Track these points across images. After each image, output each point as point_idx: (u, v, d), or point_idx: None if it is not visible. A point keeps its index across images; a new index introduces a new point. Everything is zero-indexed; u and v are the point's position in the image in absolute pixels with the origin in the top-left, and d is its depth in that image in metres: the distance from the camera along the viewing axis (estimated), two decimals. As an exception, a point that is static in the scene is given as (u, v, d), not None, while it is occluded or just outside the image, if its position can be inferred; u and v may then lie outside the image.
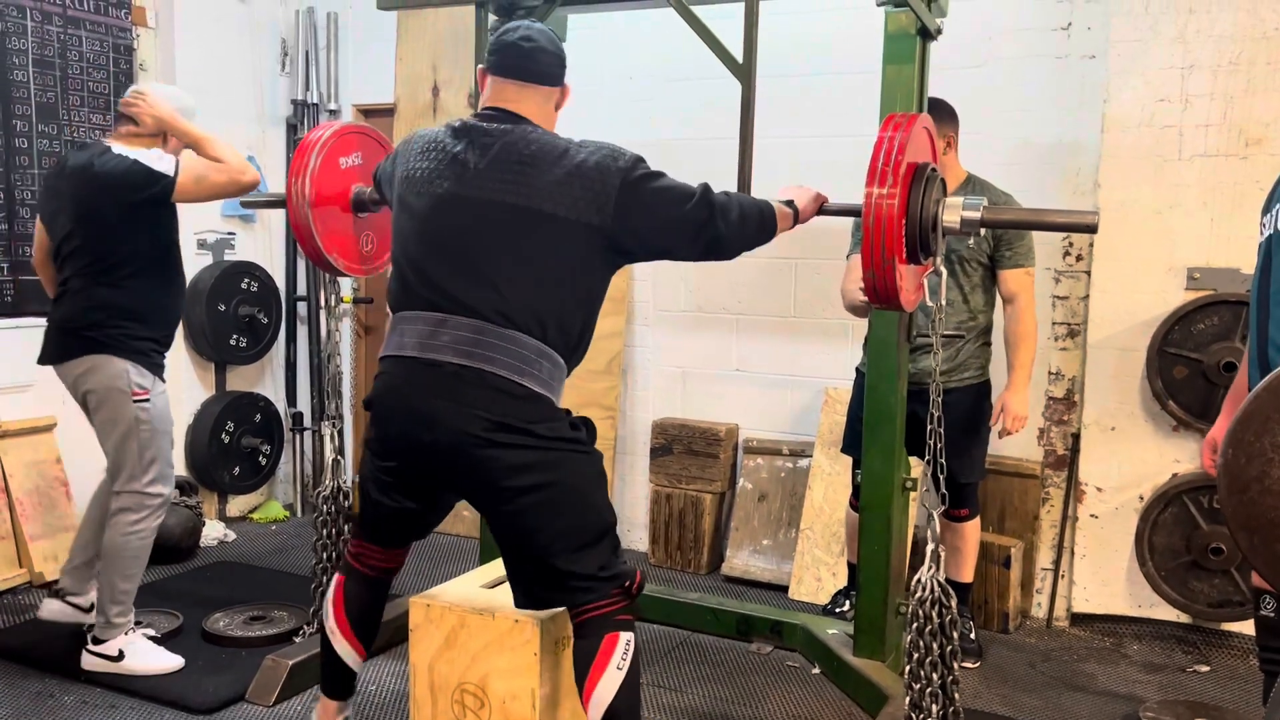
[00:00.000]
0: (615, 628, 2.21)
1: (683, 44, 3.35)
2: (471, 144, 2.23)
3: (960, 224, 2.32)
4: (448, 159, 2.24)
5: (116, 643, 3.10)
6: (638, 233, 2.19)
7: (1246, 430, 1.57)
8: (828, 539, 3.96)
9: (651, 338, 4.50)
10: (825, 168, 3.35)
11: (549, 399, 2.20)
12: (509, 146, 2.20)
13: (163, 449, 3.12)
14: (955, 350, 3.23)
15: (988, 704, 3.08)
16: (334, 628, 2.48)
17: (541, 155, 2.18)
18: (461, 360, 2.15)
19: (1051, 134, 3.72)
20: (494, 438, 2.14)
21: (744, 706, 3.05)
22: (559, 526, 2.19)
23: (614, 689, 2.17)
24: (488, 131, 2.24)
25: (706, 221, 2.19)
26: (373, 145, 3.15)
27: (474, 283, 2.17)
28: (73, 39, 4.09)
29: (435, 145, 2.29)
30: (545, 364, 2.18)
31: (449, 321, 2.18)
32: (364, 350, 5.14)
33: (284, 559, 4.29)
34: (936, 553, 2.42)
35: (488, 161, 2.20)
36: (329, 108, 4.97)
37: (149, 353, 3.07)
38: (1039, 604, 3.80)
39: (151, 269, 3.06)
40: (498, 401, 2.14)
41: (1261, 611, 2.28)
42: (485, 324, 2.16)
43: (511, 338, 2.15)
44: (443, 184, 2.23)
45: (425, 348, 2.19)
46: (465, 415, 2.14)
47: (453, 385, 2.15)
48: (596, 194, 2.14)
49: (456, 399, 2.15)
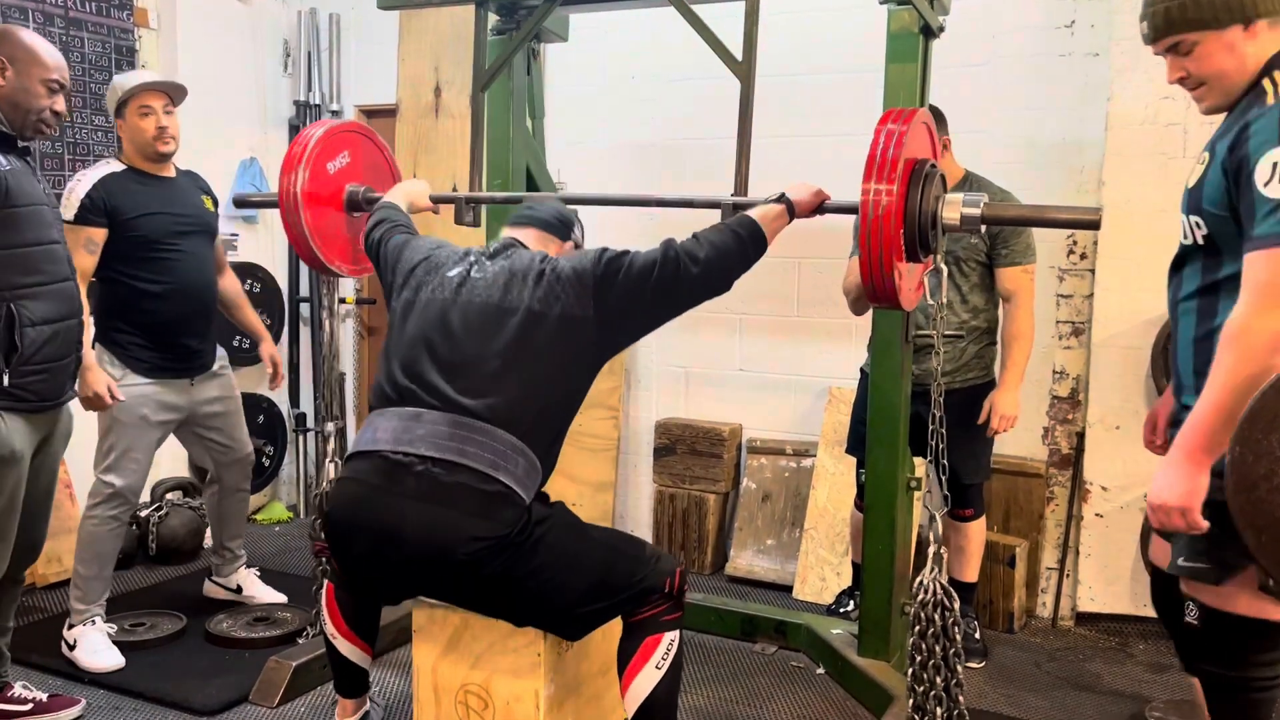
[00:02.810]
0: (660, 629, 2.26)
1: (683, 44, 3.34)
2: (477, 261, 2.38)
3: (961, 221, 2.30)
4: (456, 270, 2.37)
5: (75, 632, 3.17)
6: (623, 312, 2.26)
7: (1254, 428, 1.56)
8: (832, 539, 3.94)
9: (654, 338, 4.42)
10: (826, 167, 3.33)
11: (521, 498, 2.15)
12: (507, 265, 2.32)
13: (126, 441, 3.20)
14: (958, 351, 3.22)
15: (993, 704, 3.07)
16: (334, 631, 2.50)
17: (529, 266, 2.29)
18: (434, 453, 2.12)
19: (1055, 132, 3.71)
20: (470, 550, 2.09)
21: (748, 707, 3.04)
22: (564, 594, 2.20)
23: (650, 686, 2.23)
24: (494, 256, 2.38)
25: (675, 278, 2.25)
26: (362, 143, 3.14)
27: (458, 378, 2.21)
28: (74, 40, 4.09)
29: (444, 256, 2.44)
30: (522, 461, 2.16)
31: (424, 416, 2.18)
32: (366, 351, 5.14)
33: (287, 560, 4.29)
34: (939, 554, 2.41)
35: (486, 273, 2.32)
36: (331, 109, 4.96)
37: (126, 345, 3.21)
38: (1044, 603, 3.79)
39: (133, 271, 3.19)
40: (471, 501, 2.10)
41: (1186, 619, 1.98)
42: (461, 418, 2.15)
43: (488, 431, 2.14)
44: (445, 291, 2.34)
45: (399, 441, 2.16)
46: (438, 526, 2.10)
47: (422, 485, 2.11)
48: (577, 290, 2.23)
49: (428, 500, 2.10)
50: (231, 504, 3.59)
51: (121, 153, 3.29)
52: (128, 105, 3.21)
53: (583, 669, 2.49)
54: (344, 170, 3.07)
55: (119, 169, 3.23)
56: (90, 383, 3.00)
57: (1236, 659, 1.92)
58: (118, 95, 3.22)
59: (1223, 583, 1.86)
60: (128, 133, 3.25)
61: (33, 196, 2.61)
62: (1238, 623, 1.88)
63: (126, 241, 3.17)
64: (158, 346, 3.25)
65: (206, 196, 3.44)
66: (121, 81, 3.25)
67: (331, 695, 3.00)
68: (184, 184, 3.37)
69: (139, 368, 3.23)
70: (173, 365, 3.29)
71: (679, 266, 2.24)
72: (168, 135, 3.24)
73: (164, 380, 3.27)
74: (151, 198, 3.23)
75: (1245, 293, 1.71)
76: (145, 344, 3.24)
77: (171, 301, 3.24)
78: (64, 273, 2.70)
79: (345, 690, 2.59)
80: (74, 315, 2.72)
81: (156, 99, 3.22)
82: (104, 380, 3.03)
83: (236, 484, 3.56)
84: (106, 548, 3.20)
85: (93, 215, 3.11)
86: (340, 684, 2.59)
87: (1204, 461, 1.76)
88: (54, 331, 2.63)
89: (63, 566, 3.76)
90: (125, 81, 3.24)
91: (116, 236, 3.15)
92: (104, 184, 3.15)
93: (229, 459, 3.52)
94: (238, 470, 3.55)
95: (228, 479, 3.55)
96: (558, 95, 4.33)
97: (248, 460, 3.57)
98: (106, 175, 3.18)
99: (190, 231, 3.30)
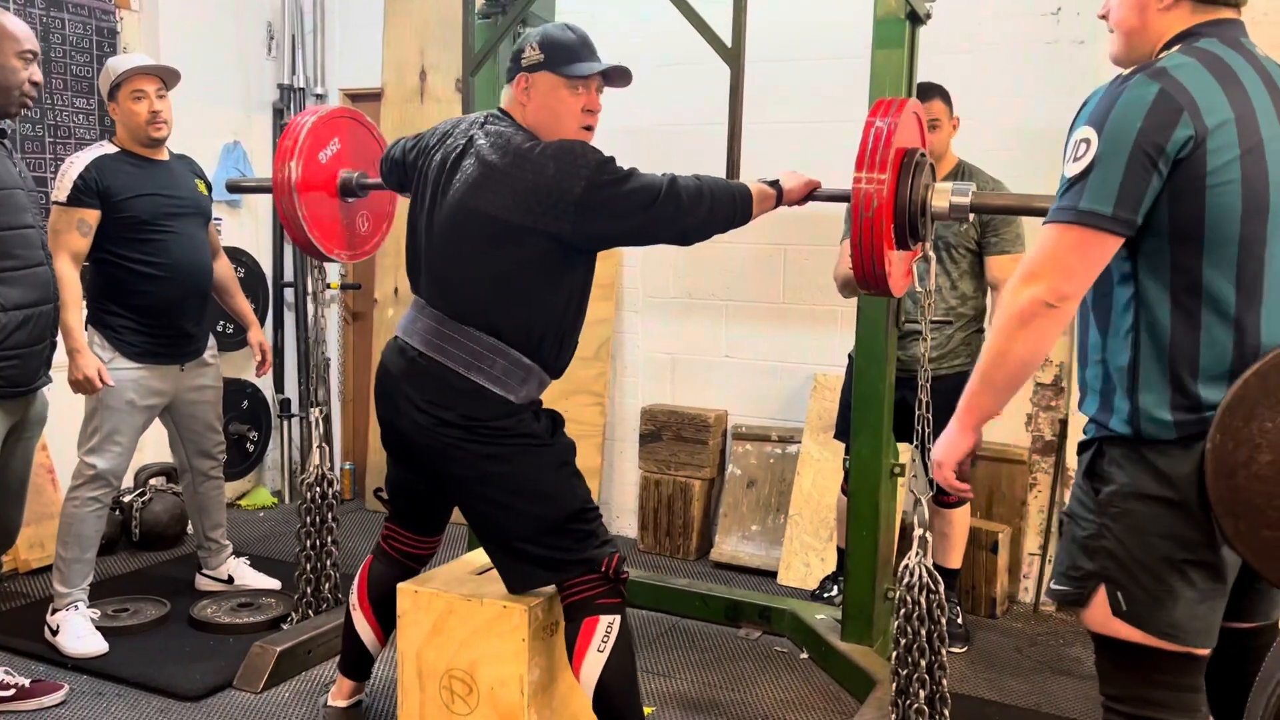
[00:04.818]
0: (596, 611, 2.28)
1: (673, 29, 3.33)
2: (469, 140, 2.29)
3: (950, 209, 2.31)
4: (448, 155, 2.31)
5: (58, 617, 3.16)
6: (603, 237, 2.23)
7: (1234, 416, 1.57)
8: (816, 525, 3.96)
9: (640, 324, 4.49)
10: (816, 153, 3.34)
11: (499, 396, 2.25)
12: (486, 148, 2.24)
13: (111, 424, 3.19)
14: (945, 337, 3.23)
15: (975, 688, 3.10)
16: (355, 603, 2.60)
17: (505, 157, 2.19)
18: (421, 348, 2.28)
19: (1041, 119, 3.71)
20: (442, 432, 2.26)
21: (732, 691, 3.06)
22: (511, 515, 2.28)
23: (596, 671, 2.25)
24: (483, 132, 2.29)
25: (672, 217, 2.21)
26: (356, 129, 3.13)
27: (441, 279, 2.29)
28: (55, 22, 4.04)
29: (449, 136, 2.36)
30: (500, 361, 2.24)
31: (425, 310, 2.32)
32: (351, 336, 5.12)
33: (271, 545, 4.28)
34: (924, 539, 2.42)
35: (468, 159, 2.25)
36: (316, 92, 4.92)
37: (118, 328, 3.20)
38: (1026, 589, 3.81)
39: (125, 252, 3.17)
40: (444, 393, 2.25)
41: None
42: (445, 317, 2.27)
43: (466, 332, 2.25)
44: (435, 181, 2.31)
45: (406, 331, 2.34)
46: (419, 404, 2.27)
47: (412, 371, 2.29)
48: (557, 203, 2.15)
49: (414, 385, 2.28)
50: (207, 491, 3.57)
51: (115, 135, 3.27)
52: (120, 89, 3.18)
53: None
54: (335, 157, 3.07)
55: (112, 151, 3.21)
56: (81, 366, 2.98)
57: (1129, 692, 1.70)
58: (111, 78, 3.19)
59: (1086, 604, 1.70)
60: (120, 116, 3.22)
61: (5, 180, 2.59)
62: (1122, 648, 1.68)
63: (119, 222, 3.15)
64: (150, 330, 3.24)
65: (200, 180, 3.42)
66: (115, 64, 3.22)
67: (317, 680, 3.01)
68: (177, 167, 3.35)
69: (129, 351, 3.21)
70: (164, 350, 3.28)
71: (678, 209, 2.20)
72: (160, 120, 3.22)
73: (153, 365, 3.26)
74: (144, 180, 3.21)
75: (1018, 267, 1.70)
76: (137, 327, 3.22)
77: (166, 283, 3.22)
78: (38, 258, 2.68)
79: (347, 669, 2.66)
80: (48, 301, 2.70)
81: (149, 83, 3.19)
82: (95, 364, 3.01)
83: (208, 471, 3.55)
84: (88, 530, 3.19)
85: (85, 196, 3.09)
86: (345, 661, 2.66)
87: (966, 423, 1.80)
88: (26, 317, 2.61)
89: (45, 552, 3.74)
90: (118, 65, 3.21)
91: (109, 217, 3.14)
92: (97, 165, 3.13)
93: (203, 446, 3.51)
94: (210, 458, 3.54)
95: (200, 465, 3.53)
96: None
97: (220, 447, 3.57)
98: (100, 157, 3.16)
99: (183, 213, 3.28)
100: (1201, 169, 1.56)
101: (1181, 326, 1.61)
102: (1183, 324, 1.61)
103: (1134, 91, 1.57)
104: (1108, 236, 1.58)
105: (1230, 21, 1.68)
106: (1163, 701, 1.68)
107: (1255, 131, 1.58)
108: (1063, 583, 1.75)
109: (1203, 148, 1.55)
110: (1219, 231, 1.58)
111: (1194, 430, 1.60)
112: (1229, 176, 1.57)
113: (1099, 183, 1.57)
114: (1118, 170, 1.56)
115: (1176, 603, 1.62)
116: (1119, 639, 1.68)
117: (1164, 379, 1.62)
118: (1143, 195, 1.57)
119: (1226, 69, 1.60)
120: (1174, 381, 1.62)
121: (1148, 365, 1.64)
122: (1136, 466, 1.64)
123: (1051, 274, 1.61)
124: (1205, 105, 1.56)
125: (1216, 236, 1.58)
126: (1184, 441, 1.61)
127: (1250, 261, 1.60)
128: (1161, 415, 1.62)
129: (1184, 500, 1.61)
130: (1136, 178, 1.56)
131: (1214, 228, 1.58)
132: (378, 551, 2.64)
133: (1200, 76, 1.58)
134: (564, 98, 2.27)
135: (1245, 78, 1.61)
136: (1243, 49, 1.65)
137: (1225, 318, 1.60)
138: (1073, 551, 1.73)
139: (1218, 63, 1.60)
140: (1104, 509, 1.68)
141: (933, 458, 1.87)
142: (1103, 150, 1.57)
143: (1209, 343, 1.61)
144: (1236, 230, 1.59)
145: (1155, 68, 1.59)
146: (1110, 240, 1.59)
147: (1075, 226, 1.59)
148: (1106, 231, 1.58)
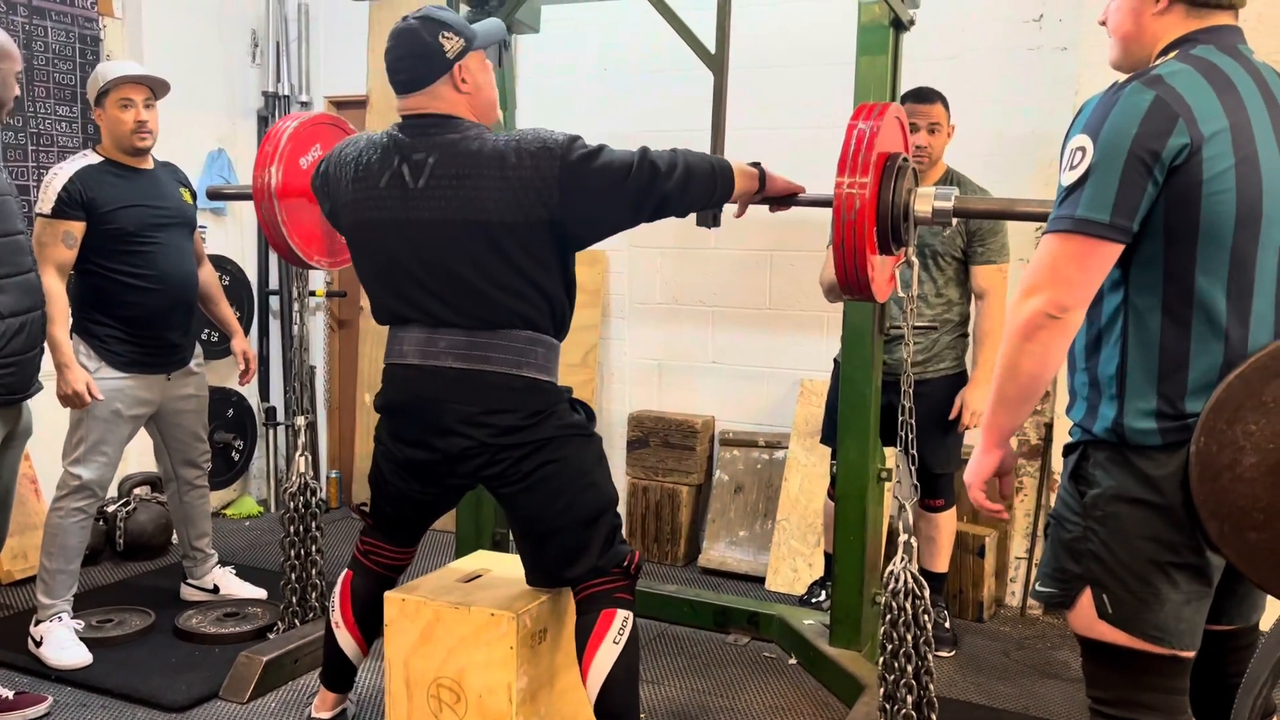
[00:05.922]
0: (614, 604, 2.32)
1: (658, 36, 3.34)
2: (404, 160, 2.23)
3: (932, 214, 2.32)
4: (386, 179, 2.24)
5: (42, 628, 3.14)
6: (587, 218, 2.23)
7: (1218, 418, 1.57)
8: (804, 530, 3.96)
9: (627, 330, 4.48)
10: (800, 159, 3.33)
11: (548, 382, 2.31)
12: (444, 160, 2.19)
13: (97, 434, 3.17)
14: (931, 341, 3.24)
15: (963, 692, 3.10)
16: (339, 620, 2.56)
17: (478, 163, 2.17)
18: (460, 364, 2.25)
19: (1024, 125, 3.74)
20: (500, 441, 2.25)
21: (721, 697, 3.06)
22: (560, 505, 2.30)
23: (609, 662, 2.26)
24: (415, 146, 2.22)
25: (649, 187, 2.19)
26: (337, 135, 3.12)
27: (448, 299, 2.25)
28: (38, 29, 4.02)
29: (368, 168, 2.28)
30: (539, 350, 2.29)
31: (440, 330, 2.27)
32: (336, 344, 5.10)
33: (257, 555, 4.25)
34: (909, 544, 2.43)
35: (426, 178, 2.20)
36: (300, 99, 4.91)
37: (104, 338, 3.18)
38: (1013, 593, 3.82)
39: (111, 264, 3.16)
40: (505, 397, 2.25)
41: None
42: (471, 330, 2.25)
43: (500, 334, 2.25)
44: (388, 208, 2.24)
45: (426, 355, 2.28)
46: (476, 417, 2.24)
47: (460, 388, 2.26)
48: (539, 189, 2.15)
49: (466, 400, 2.25)
50: (192, 500, 3.54)
51: (99, 144, 3.25)
52: (108, 96, 3.16)
53: (556, 661, 2.49)
54: (316, 163, 3.04)
55: (96, 161, 3.19)
56: (70, 381, 2.96)
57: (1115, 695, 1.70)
58: (98, 85, 3.17)
59: (1071, 606, 1.71)
60: (106, 124, 3.20)
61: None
62: (1108, 650, 1.68)
63: (104, 234, 3.13)
64: (137, 340, 3.22)
65: (184, 189, 3.40)
66: (104, 70, 3.20)
67: (303, 690, 3.00)
68: (162, 176, 3.33)
69: (115, 361, 3.19)
70: (150, 360, 3.26)
71: (655, 177, 2.19)
72: (146, 129, 3.20)
73: (139, 375, 3.24)
74: (129, 190, 3.19)
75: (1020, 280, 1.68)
76: (123, 337, 3.20)
77: (152, 294, 3.21)
78: (28, 264, 2.67)
79: (330, 683, 2.63)
80: (39, 307, 2.70)
81: (138, 92, 3.18)
82: (83, 378, 3.00)
83: (194, 480, 3.53)
84: (72, 541, 3.16)
85: (70, 209, 3.07)
86: (327, 675, 2.63)
87: (988, 441, 1.79)
88: (20, 324, 2.60)
89: (29, 563, 3.72)
90: (107, 72, 3.19)
91: (94, 229, 3.11)
92: (81, 176, 3.11)
93: (188, 455, 3.49)
94: (195, 467, 3.52)
95: (185, 474, 3.51)
96: (529, 87, 4.31)
97: (206, 456, 3.55)
98: (84, 168, 3.14)
99: (168, 224, 3.26)
100: (1197, 177, 1.56)
101: (1172, 334, 1.62)
102: (1173, 332, 1.61)
103: (1129, 99, 1.58)
104: (1106, 244, 1.59)
105: (1228, 27, 1.68)
106: (1149, 704, 1.68)
107: (1250, 140, 1.59)
108: (1048, 584, 1.75)
109: (1198, 155, 1.55)
110: (1213, 240, 1.59)
111: (1179, 437, 1.60)
112: (1224, 185, 1.57)
113: (1095, 191, 1.57)
114: (1114, 178, 1.56)
115: (1161, 605, 1.63)
116: (1104, 641, 1.68)
117: (1151, 387, 1.63)
118: (1139, 203, 1.57)
119: (1222, 76, 1.60)
120: (1161, 390, 1.62)
121: (1135, 373, 1.64)
122: (1121, 470, 1.65)
123: (1051, 286, 1.61)
124: (1201, 113, 1.56)
125: (1210, 245, 1.59)
126: (1169, 447, 1.61)
127: (1242, 270, 1.60)
128: (1147, 423, 1.62)
129: (1168, 503, 1.61)
130: (1132, 185, 1.56)
131: (1208, 236, 1.58)
132: (356, 567, 2.59)
133: (1196, 84, 1.58)
134: (489, 69, 2.34)
135: (1241, 85, 1.61)
136: (1240, 56, 1.65)
137: (1216, 326, 1.60)
138: (1058, 554, 1.74)
139: (1214, 70, 1.60)
140: (1089, 512, 1.68)
141: (963, 479, 1.87)
142: (1098, 158, 1.57)
143: (1199, 352, 1.61)
144: (1230, 239, 1.59)
145: (1150, 75, 1.59)
146: (1108, 248, 1.59)
147: (1073, 235, 1.59)
148: (1104, 239, 1.58)
